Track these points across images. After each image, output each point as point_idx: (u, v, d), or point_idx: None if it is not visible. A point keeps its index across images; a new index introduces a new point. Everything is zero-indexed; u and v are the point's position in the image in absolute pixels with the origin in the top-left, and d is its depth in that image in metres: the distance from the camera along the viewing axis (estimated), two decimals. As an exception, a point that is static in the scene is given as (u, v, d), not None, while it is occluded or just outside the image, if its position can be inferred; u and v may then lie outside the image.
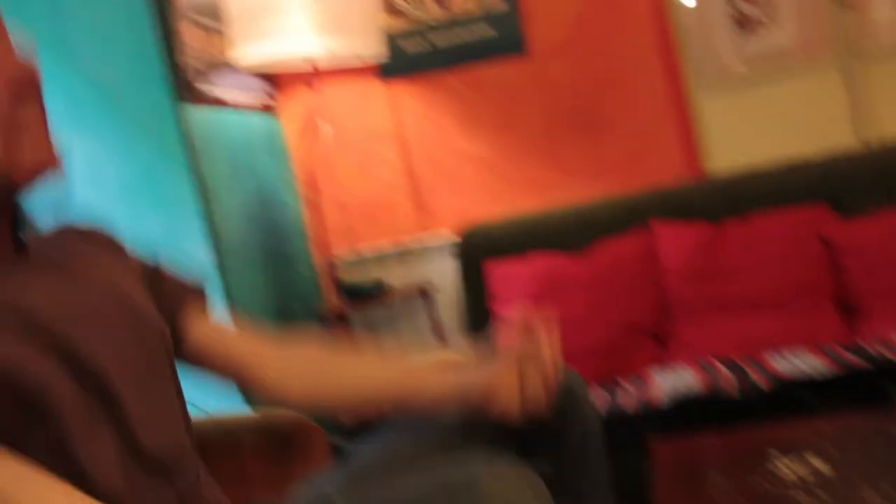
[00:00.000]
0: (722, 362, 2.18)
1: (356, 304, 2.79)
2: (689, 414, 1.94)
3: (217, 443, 1.14)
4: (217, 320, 1.14)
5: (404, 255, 3.01)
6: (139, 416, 0.90)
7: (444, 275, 2.95)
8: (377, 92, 3.00)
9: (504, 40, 2.91)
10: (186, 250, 2.39)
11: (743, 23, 2.84)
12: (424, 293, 2.86)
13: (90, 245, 1.05)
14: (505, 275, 2.57)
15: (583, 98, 2.91)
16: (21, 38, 1.00)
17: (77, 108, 2.35)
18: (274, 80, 3.00)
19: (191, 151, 2.36)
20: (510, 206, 2.90)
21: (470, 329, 2.64)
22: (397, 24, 2.94)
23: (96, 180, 2.38)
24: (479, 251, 2.65)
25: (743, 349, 2.23)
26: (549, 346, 1.07)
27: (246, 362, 1.11)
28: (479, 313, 2.58)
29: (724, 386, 2.00)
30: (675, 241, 2.49)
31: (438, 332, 2.85)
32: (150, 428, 0.91)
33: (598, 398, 2.13)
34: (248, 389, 1.13)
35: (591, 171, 2.90)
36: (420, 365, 1.16)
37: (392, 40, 2.87)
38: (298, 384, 1.13)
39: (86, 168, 2.37)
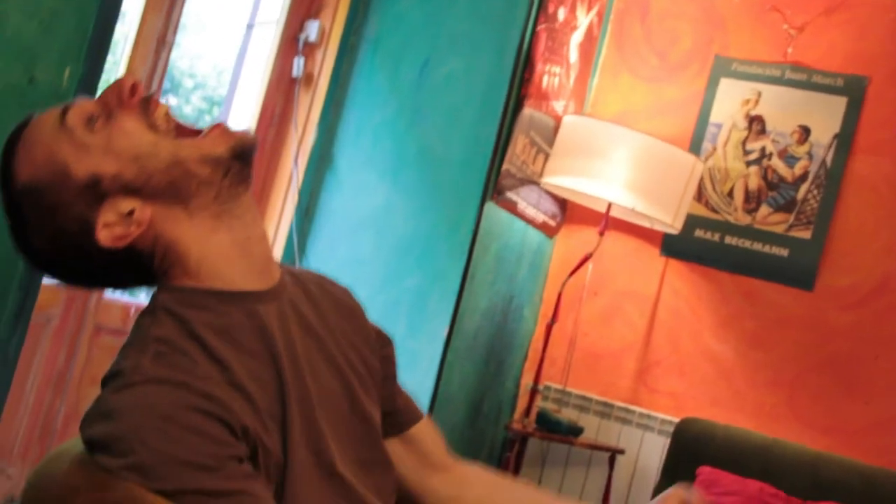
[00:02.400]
0: None
1: (544, 435, 2.85)
2: None
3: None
4: (428, 422, 1.20)
5: (607, 412, 3.05)
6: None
7: (637, 447, 2.95)
8: (652, 258, 3.11)
9: (795, 269, 2.92)
10: (428, 314, 2.59)
11: None
12: (612, 456, 2.88)
13: (339, 314, 1.11)
14: (713, 482, 2.52)
15: (850, 355, 2.85)
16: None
17: (402, 166, 2.65)
18: (566, 208, 3.19)
19: (473, 240, 2.57)
20: (726, 415, 2.87)
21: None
22: (700, 211, 3.04)
23: (383, 228, 2.66)
24: (692, 444, 2.64)
25: None
26: None
27: (438, 464, 1.18)
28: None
29: None
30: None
31: (606, 497, 2.85)
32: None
33: None
34: (424, 490, 1.17)
35: (825, 423, 2.82)
36: None
37: (689, 221, 2.98)
38: (477, 497, 1.18)
39: (380, 215, 2.65)
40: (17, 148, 0.95)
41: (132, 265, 0.97)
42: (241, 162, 0.96)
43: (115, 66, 2.14)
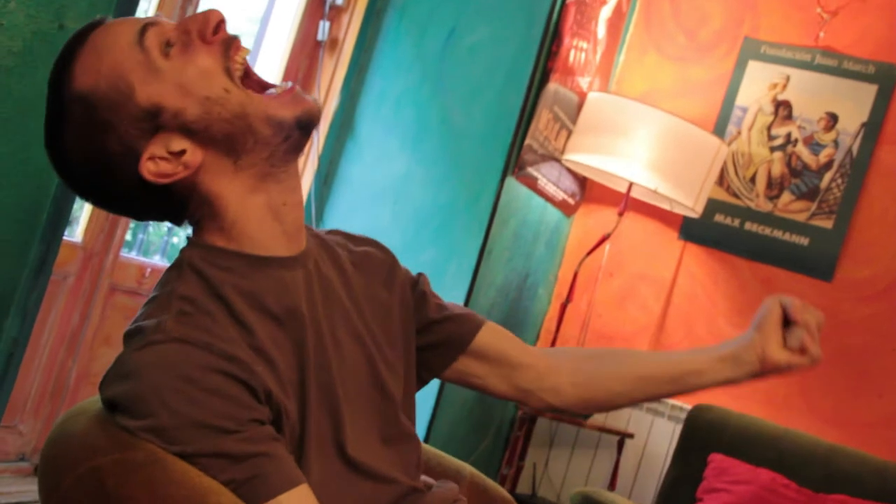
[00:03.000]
0: None
1: (552, 416, 2.84)
2: None
3: (437, 476, 1.22)
4: (492, 326, 1.18)
5: (617, 395, 3.03)
6: (355, 439, 0.98)
7: (647, 432, 2.94)
8: (670, 242, 3.07)
9: (815, 259, 2.88)
10: (444, 288, 2.56)
11: None
12: (621, 440, 2.86)
13: (367, 274, 1.08)
14: (725, 470, 2.49)
15: (865, 347, 2.82)
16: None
17: (423, 136, 2.61)
18: (586, 187, 3.15)
19: (493, 214, 2.54)
20: (738, 403, 2.85)
21: (660, 498, 2.58)
22: (721, 196, 3.00)
23: (402, 198, 2.63)
24: (704, 430, 2.61)
25: None
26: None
27: (517, 362, 1.16)
28: (677, 489, 2.54)
29: None
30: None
31: (613, 481, 2.84)
32: (364, 448, 0.99)
33: None
34: (521, 392, 1.17)
35: (838, 415, 2.80)
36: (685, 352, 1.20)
37: (709, 206, 2.94)
38: (572, 377, 1.17)
39: (400, 185, 2.62)
40: (82, 50, 0.90)
41: (163, 203, 0.95)
42: (303, 132, 0.94)
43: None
